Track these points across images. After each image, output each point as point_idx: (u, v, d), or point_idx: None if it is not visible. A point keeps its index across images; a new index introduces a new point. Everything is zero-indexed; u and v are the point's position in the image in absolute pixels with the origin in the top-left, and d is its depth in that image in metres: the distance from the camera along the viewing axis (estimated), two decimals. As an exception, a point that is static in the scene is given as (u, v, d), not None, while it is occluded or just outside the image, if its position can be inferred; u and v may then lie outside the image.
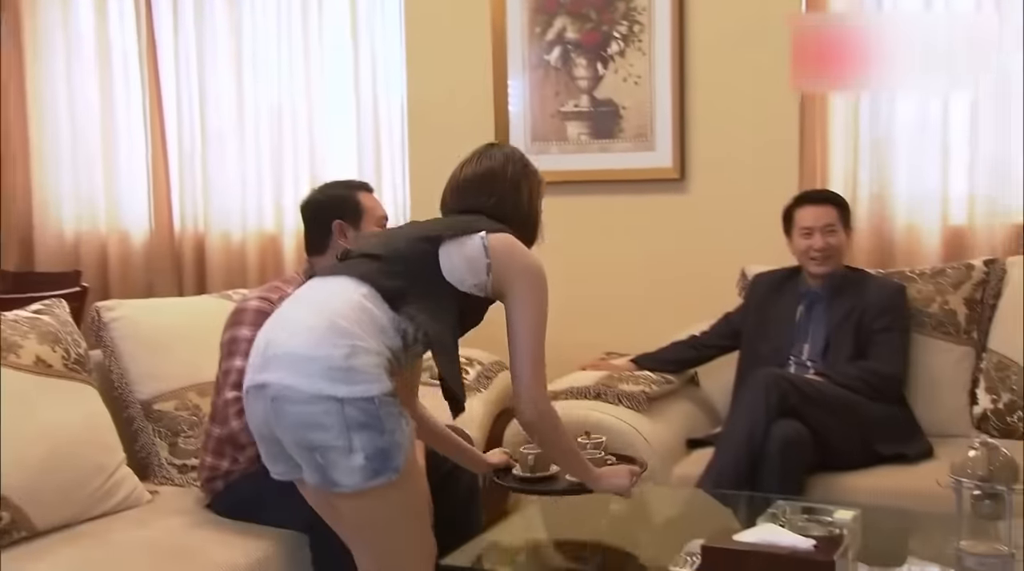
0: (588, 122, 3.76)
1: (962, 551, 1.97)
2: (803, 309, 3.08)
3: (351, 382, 1.80)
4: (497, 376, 3.42)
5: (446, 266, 2.01)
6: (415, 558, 1.99)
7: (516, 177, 2.18)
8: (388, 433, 1.82)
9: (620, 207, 3.76)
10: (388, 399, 1.83)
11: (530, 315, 2.03)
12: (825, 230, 3.02)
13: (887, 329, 2.98)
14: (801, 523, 2.04)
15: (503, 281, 2.03)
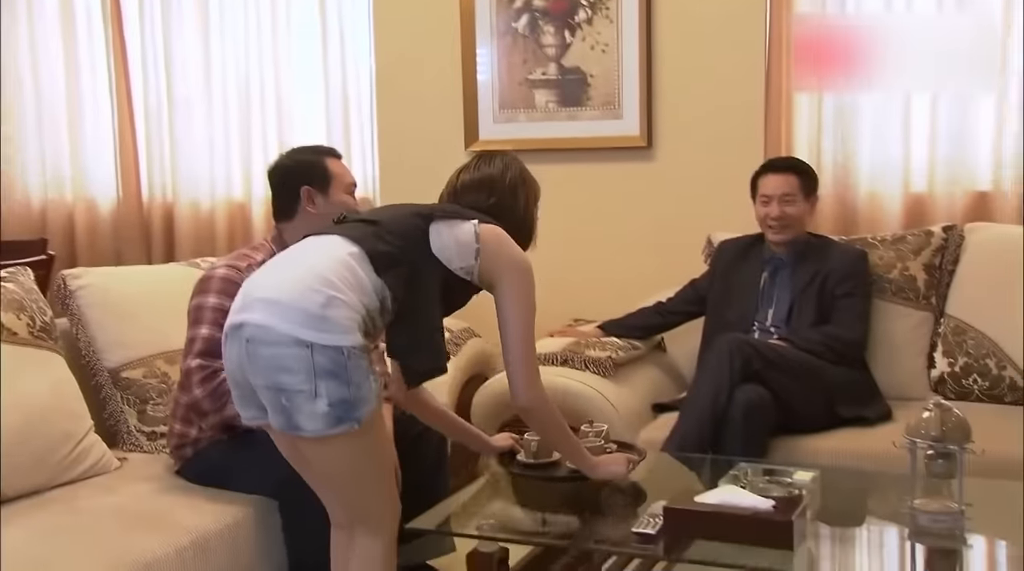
0: (556, 90, 3.76)
1: (915, 509, 2.02)
2: (767, 275, 3.13)
3: (323, 330, 1.86)
4: (466, 343, 3.44)
5: (436, 244, 2.08)
6: (380, 509, 2.05)
7: (514, 183, 2.26)
8: (354, 385, 1.87)
9: (588, 175, 3.78)
10: (357, 353, 1.89)
11: (520, 309, 2.11)
12: (782, 199, 3.04)
13: (849, 295, 3.03)
14: (761, 484, 2.10)
15: (492, 271, 2.11)
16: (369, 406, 1.91)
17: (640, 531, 1.98)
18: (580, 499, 2.33)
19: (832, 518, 2.17)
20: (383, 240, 2.03)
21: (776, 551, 1.90)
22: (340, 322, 1.88)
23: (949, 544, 1.99)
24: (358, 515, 2.05)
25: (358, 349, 1.89)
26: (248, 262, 2.49)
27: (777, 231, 3.07)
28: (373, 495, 2.03)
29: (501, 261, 2.11)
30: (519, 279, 2.12)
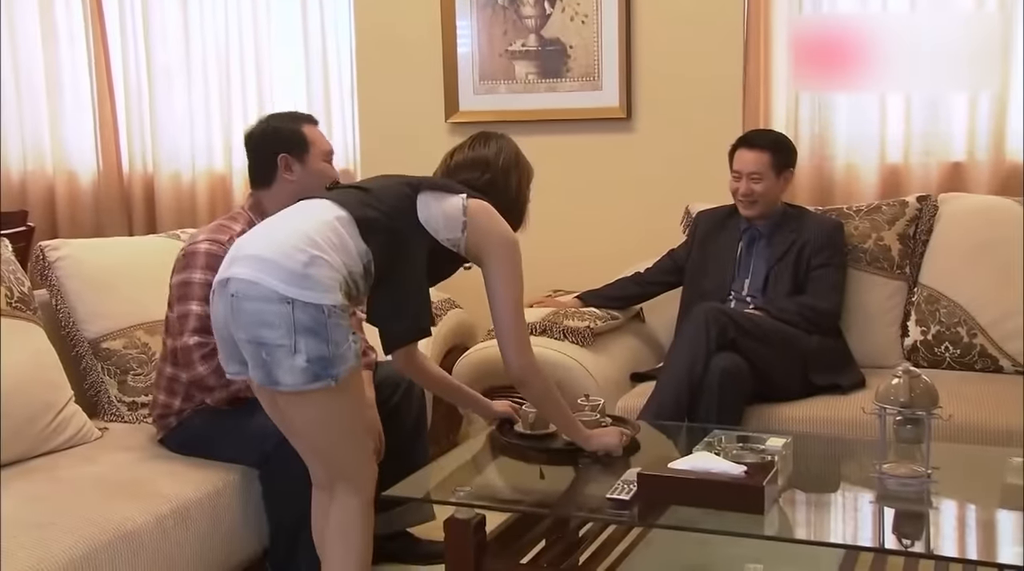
0: (536, 61, 3.76)
1: (884, 474, 2.06)
2: (743, 246, 3.16)
3: (304, 287, 1.92)
4: (447, 314, 3.46)
5: (423, 214, 2.13)
6: (357, 468, 2.11)
7: (507, 165, 2.30)
8: (333, 344, 1.93)
9: (567, 146, 3.79)
10: (337, 312, 1.95)
11: (509, 283, 2.16)
12: (750, 177, 3.06)
13: (824, 265, 3.06)
14: (735, 451, 2.13)
15: (479, 245, 2.15)
16: (347, 364, 1.96)
17: (615, 497, 2.01)
18: (559, 467, 2.36)
19: (803, 483, 2.21)
20: (371, 206, 2.08)
21: (747, 515, 1.93)
22: (322, 281, 1.93)
23: (916, 507, 2.03)
24: (337, 472, 2.10)
25: (338, 308, 1.95)
26: (229, 235, 2.48)
27: (745, 207, 3.11)
28: (350, 453, 2.10)
29: (491, 237, 2.15)
30: (507, 254, 2.16)
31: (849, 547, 2.01)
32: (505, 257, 2.16)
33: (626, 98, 3.66)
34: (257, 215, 2.53)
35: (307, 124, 2.60)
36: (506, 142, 2.34)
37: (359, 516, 2.11)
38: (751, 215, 3.11)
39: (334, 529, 2.10)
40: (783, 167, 3.09)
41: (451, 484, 2.28)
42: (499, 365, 2.95)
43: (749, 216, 3.11)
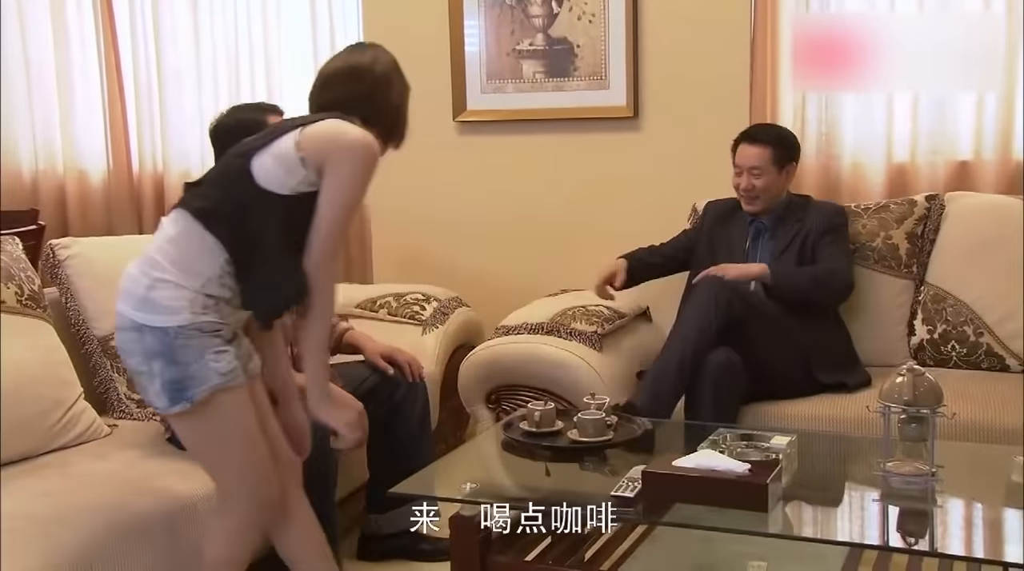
0: (543, 60, 3.77)
1: (888, 472, 2.06)
2: (749, 239, 3.15)
3: (149, 312, 1.94)
4: (454, 312, 3.48)
5: (260, 175, 1.98)
6: (230, 488, 2.08)
7: (386, 73, 2.16)
8: (182, 365, 1.93)
9: (574, 145, 3.79)
10: (185, 332, 1.93)
11: (336, 189, 1.97)
12: (751, 172, 3.05)
13: (829, 242, 3.05)
14: (739, 449, 2.13)
15: (320, 163, 1.97)
16: (205, 385, 1.93)
17: (619, 495, 2.02)
18: (565, 465, 2.38)
19: (808, 481, 2.22)
20: (203, 197, 2.02)
21: (752, 513, 1.93)
22: (164, 303, 1.93)
23: (920, 505, 2.03)
24: (221, 491, 2.11)
25: (187, 328, 1.92)
26: None
27: (747, 202, 3.11)
28: (222, 473, 2.07)
29: (328, 148, 1.97)
30: (343, 158, 1.97)
31: (853, 545, 2.01)
32: (341, 159, 1.96)
33: (633, 97, 3.67)
34: None
35: (272, 115, 2.50)
36: (381, 51, 2.20)
37: (223, 536, 2.08)
38: (753, 210, 3.11)
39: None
40: (785, 162, 3.08)
41: (456, 481, 2.29)
42: (507, 363, 3.01)
43: (751, 211, 3.12)
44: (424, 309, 3.41)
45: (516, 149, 3.87)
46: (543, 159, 3.84)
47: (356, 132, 2.00)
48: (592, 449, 2.35)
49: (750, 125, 3.23)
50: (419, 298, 3.47)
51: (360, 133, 2.00)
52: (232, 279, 1.99)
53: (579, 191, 3.80)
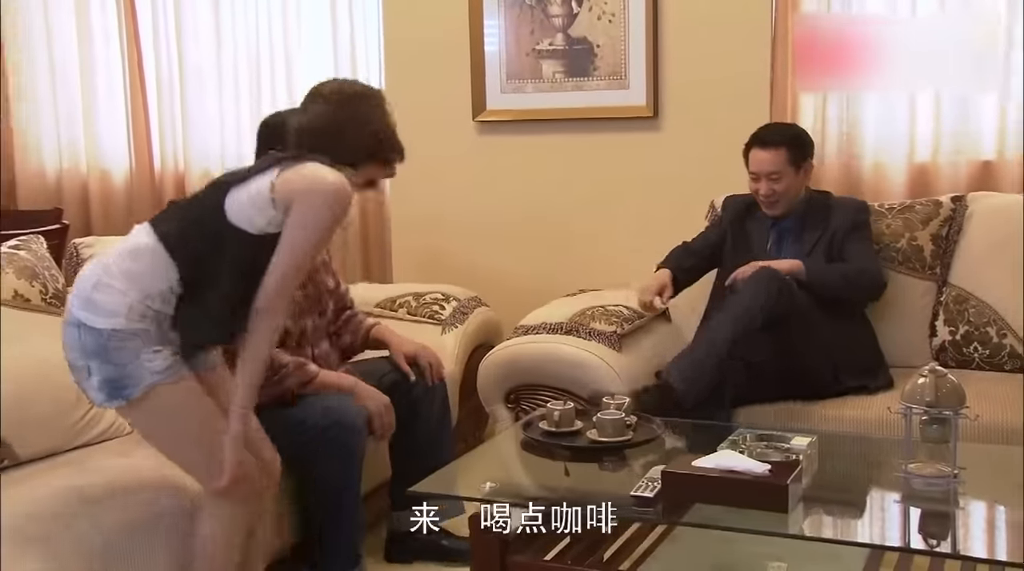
0: (563, 60, 3.77)
1: (910, 473, 2.05)
2: (772, 241, 3.12)
3: (90, 310, 2.01)
4: (473, 312, 3.48)
5: (232, 210, 2.02)
6: (197, 469, 2.14)
7: (349, 109, 2.19)
8: (119, 365, 2.00)
9: (594, 145, 3.79)
10: (120, 335, 1.99)
11: (296, 232, 1.99)
12: (769, 178, 3.00)
13: (855, 240, 3.03)
14: (759, 449, 2.13)
15: (289, 204, 2.00)
16: (142, 383, 2.00)
17: (638, 495, 2.02)
18: (584, 464, 2.37)
19: (828, 482, 2.21)
20: (174, 220, 2.08)
21: (772, 514, 1.93)
22: (104, 305, 1.99)
23: (942, 507, 2.02)
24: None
25: (121, 332, 1.99)
26: None
27: (768, 207, 3.06)
28: (176, 458, 2.14)
29: (295, 191, 1.98)
30: (308, 203, 1.98)
31: (874, 547, 2.01)
32: (306, 204, 1.98)
33: (653, 97, 3.66)
34: None
35: None
36: (343, 81, 2.27)
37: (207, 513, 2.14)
38: (775, 214, 3.07)
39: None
40: (801, 160, 3.02)
41: (477, 480, 2.30)
42: (525, 364, 3.01)
43: (773, 215, 3.08)
44: (443, 309, 3.42)
45: (535, 149, 3.87)
46: (562, 159, 3.83)
47: (329, 178, 2.01)
48: (611, 449, 2.35)
49: (758, 128, 3.13)
50: (438, 298, 3.48)
51: (332, 180, 2.01)
52: (176, 299, 2.04)
53: (598, 191, 3.79)
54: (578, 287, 3.59)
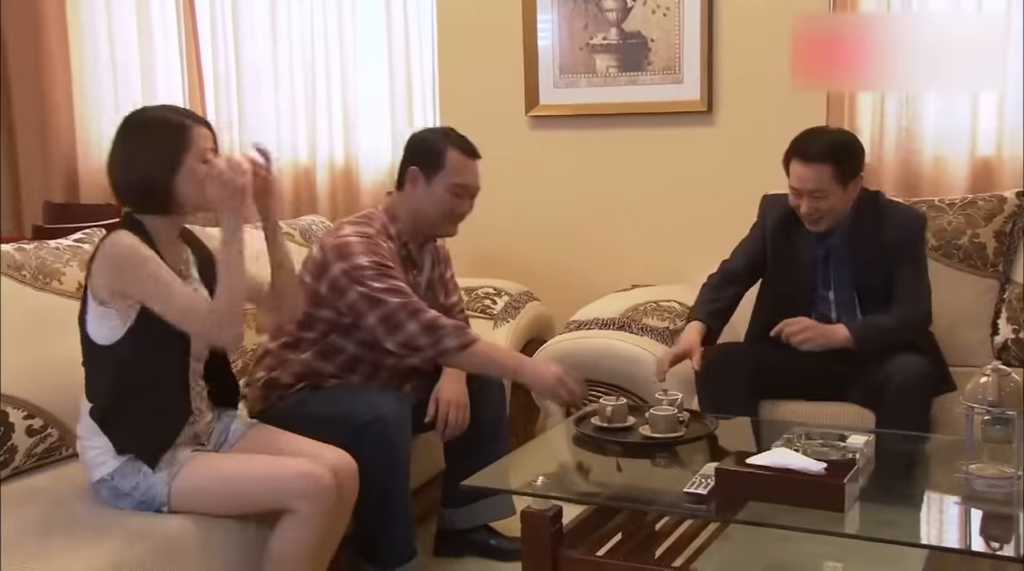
0: (617, 55, 3.75)
1: (971, 474, 2.01)
2: (821, 254, 2.83)
3: (90, 469, 2.19)
4: (525, 306, 3.49)
5: (92, 326, 2.14)
6: (262, 501, 2.19)
7: (121, 152, 2.18)
8: (132, 493, 2.14)
9: (648, 140, 3.77)
10: (116, 473, 2.14)
11: (143, 286, 2.06)
12: (812, 195, 2.68)
13: (910, 267, 2.77)
14: (815, 448, 2.10)
15: (118, 289, 2.08)
16: (161, 491, 2.11)
17: (692, 491, 2.00)
18: (636, 460, 2.37)
19: (886, 482, 2.17)
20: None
21: (827, 513, 1.90)
22: (92, 461, 2.17)
23: (1004, 509, 1.97)
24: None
25: (114, 472, 2.13)
26: (372, 229, 2.57)
27: (810, 224, 2.75)
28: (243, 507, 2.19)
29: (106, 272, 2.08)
30: (119, 271, 2.07)
31: (934, 548, 1.96)
32: (119, 271, 2.07)
33: (707, 91, 3.63)
34: (390, 218, 2.59)
35: (452, 149, 2.59)
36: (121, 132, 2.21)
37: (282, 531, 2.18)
38: (819, 231, 2.77)
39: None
40: (849, 177, 2.69)
41: (528, 476, 2.30)
42: (578, 358, 3.00)
43: (817, 232, 2.78)
44: (495, 303, 3.43)
45: (588, 143, 3.86)
46: (615, 154, 3.82)
47: (115, 241, 2.08)
48: (664, 445, 2.34)
49: (801, 133, 2.79)
50: (490, 292, 3.49)
51: (116, 241, 2.08)
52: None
53: (651, 186, 3.77)
54: (631, 282, 3.58)
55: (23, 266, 2.45)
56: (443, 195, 2.57)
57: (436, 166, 2.57)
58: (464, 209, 2.64)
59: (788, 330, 2.67)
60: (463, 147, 2.61)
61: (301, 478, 2.13)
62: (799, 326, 2.67)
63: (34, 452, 2.33)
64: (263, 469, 2.17)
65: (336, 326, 2.56)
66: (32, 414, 2.31)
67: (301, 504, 2.12)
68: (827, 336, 2.68)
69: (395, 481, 2.43)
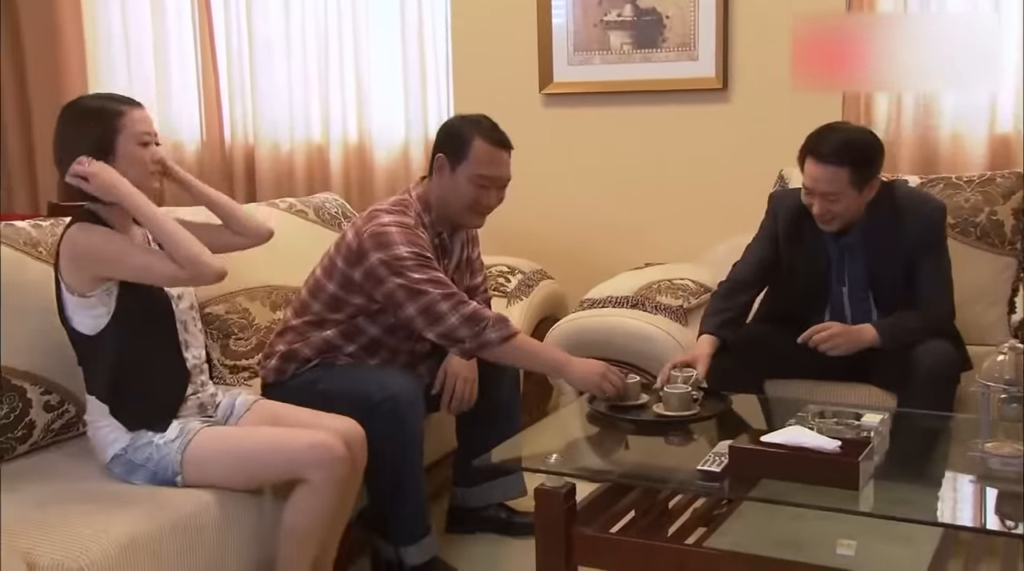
0: (631, 32, 3.72)
1: (986, 452, 2.00)
2: (835, 258, 2.75)
3: (101, 452, 2.23)
4: (538, 284, 3.49)
5: (73, 312, 2.18)
6: (277, 471, 2.23)
7: (67, 125, 2.20)
8: (145, 464, 2.16)
9: (662, 117, 3.75)
10: (128, 448, 2.17)
11: (112, 259, 2.13)
12: (825, 197, 2.59)
13: (930, 264, 2.69)
14: (830, 426, 2.10)
15: (88, 277, 2.13)
16: (174, 462, 2.14)
17: (705, 469, 2.00)
18: (649, 438, 2.37)
19: (901, 460, 2.16)
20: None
21: (842, 491, 1.90)
22: (102, 441, 2.20)
23: (1019, 488, 1.96)
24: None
25: (126, 447, 2.16)
26: (409, 217, 2.53)
27: (822, 224, 2.66)
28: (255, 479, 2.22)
29: (72, 268, 2.14)
30: (74, 258, 2.13)
31: (948, 526, 1.97)
32: (82, 268, 2.14)
33: (722, 68, 3.60)
34: (424, 206, 2.57)
35: (479, 138, 2.53)
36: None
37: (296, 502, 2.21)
38: (831, 230, 2.68)
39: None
40: (866, 181, 2.59)
41: (541, 453, 2.30)
42: (592, 336, 3.00)
43: (829, 231, 2.69)
44: (508, 281, 3.43)
45: (602, 121, 3.84)
46: (630, 131, 3.80)
47: (70, 241, 2.15)
48: (677, 423, 2.34)
49: (819, 129, 2.67)
50: (504, 270, 3.49)
51: (72, 240, 2.15)
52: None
53: (666, 164, 3.76)
54: (644, 261, 3.57)
55: (39, 243, 2.46)
56: (466, 185, 2.52)
57: (461, 155, 2.52)
58: (490, 201, 2.57)
59: (816, 338, 2.60)
60: (492, 137, 2.55)
61: (313, 448, 2.15)
62: (827, 333, 2.60)
63: (52, 428, 2.35)
64: (275, 440, 2.20)
65: (364, 310, 2.55)
66: (49, 390, 2.32)
67: (314, 474, 2.14)
68: (855, 340, 2.61)
69: (408, 460, 2.43)
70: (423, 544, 2.50)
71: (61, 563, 1.80)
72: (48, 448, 2.35)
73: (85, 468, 2.21)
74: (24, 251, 2.41)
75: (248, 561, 2.18)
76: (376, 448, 2.32)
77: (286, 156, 4.47)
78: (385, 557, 2.52)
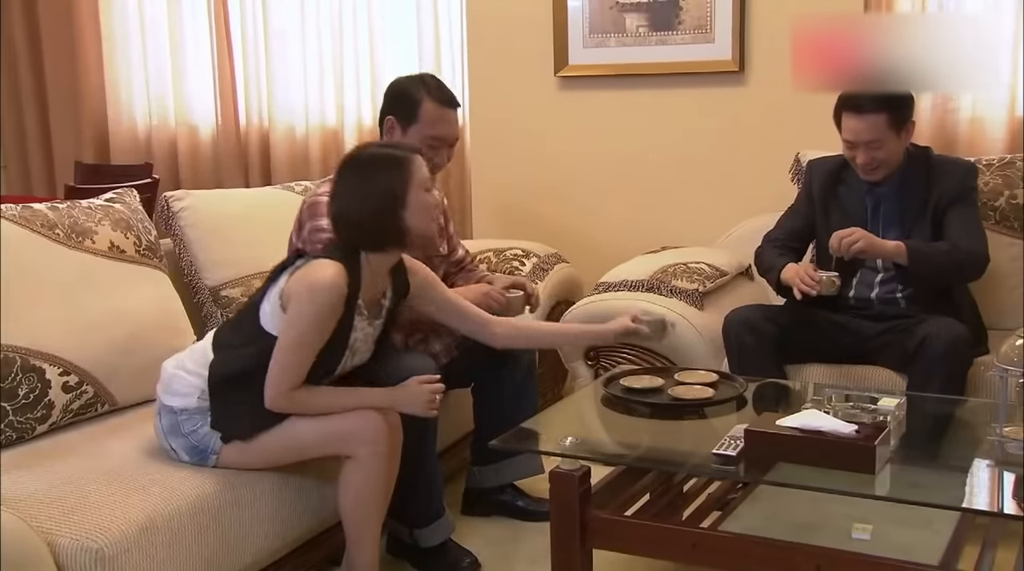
0: (647, 14, 3.70)
1: (1003, 437, 1.99)
2: (870, 207, 2.84)
3: (167, 393, 2.22)
4: (553, 268, 3.48)
5: (263, 314, 2.18)
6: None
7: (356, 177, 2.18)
8: (189, 435, 2.18)
9: (678, 100, 3.73)
10: (189, 412, 2.18)
11: (290, 323, 2.11)
12: (869, 146, 2.69)
13: (962, 214, 2.77)
14: (846, 410, 2.09)
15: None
16: (215, 445, 2.16)
17: (720, 452, 2.00)
18: (665, 422, 2.36)
19: (917, 444, 2.16)
20: (230, 328, 2.26)
21: (858, 475, 1.90)
22: (178, 389, 2.20)
23: (1036, 473, 1.96)
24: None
25: (189, 410, 2.17)
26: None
27: (867, 173, 2.76)
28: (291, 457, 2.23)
29: (293, 290, 2.12)
30: (299, 298, 2.11)
31: (965, 510, 1.96)
32: (296, 304, 2.11)
33: (739, 51, 3.58)
34: None
35: (428, 100, 2.53)
36: (362, 152, 2.23)
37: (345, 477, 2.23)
38: (875, 180, 2.79)
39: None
40: (902, 123, 2.71)
41: (557, 436, 2.31)
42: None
43: (872, 181, 2.79)
44: (523, 265, 3.42)
45: (618, 104, 3.83)
46: (645, 114, 3.78)
47: (318, 274, 2.10)
48: (693, 406, 2.34)
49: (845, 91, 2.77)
50: (519, 254, 3.48)
51: (321, 276, 2.10)
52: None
53: (681, 147, 3.74)
54: (660, 244, 3.56)
55: (56, 225, 2.47)
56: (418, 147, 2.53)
57: (411, 117, 2.52)
58: (441, 160, 2.57)
59: (839, 234, 2.65)
60: (440, 98, 2.55)
61: (357, 423, 2.16)
62: (851, 231, 2.65)
63: (71, 408, 2.36)
64: (318, 418, 2.18)
65: None
66: (68, 371, 2.34)
67: (359, 449, 2.16)
68: (878, 245, 2.68)
69: (422, 441, 2.44)
70: (436, 526, 2.51)
71: (80, 543, 1.82)
72: (68, 428, 2.36)
73: (105, 449, 2.23)
74: (41, 233, 2.42)
75: (267, 542, 2.19)
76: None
77: (301, 140, 4.48)
78: (399, 538, 2.53)
